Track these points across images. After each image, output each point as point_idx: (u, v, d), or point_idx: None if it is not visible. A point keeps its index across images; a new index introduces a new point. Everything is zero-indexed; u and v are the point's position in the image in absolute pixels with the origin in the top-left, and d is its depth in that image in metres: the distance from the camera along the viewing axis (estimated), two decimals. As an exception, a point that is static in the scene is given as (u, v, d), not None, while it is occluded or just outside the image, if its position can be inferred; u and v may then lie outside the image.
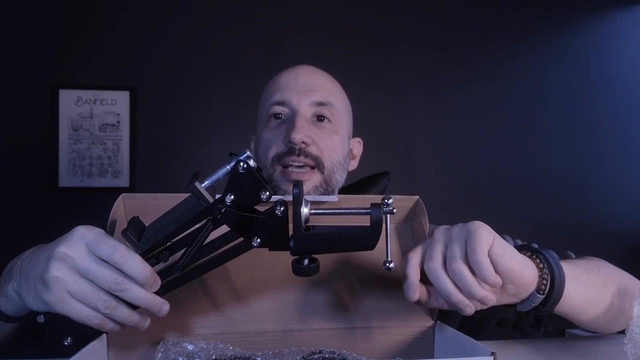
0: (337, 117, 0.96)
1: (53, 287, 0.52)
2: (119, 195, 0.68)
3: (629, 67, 2.89)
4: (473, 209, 2.63)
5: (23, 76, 2.39)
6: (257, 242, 0.56)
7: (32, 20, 2.39)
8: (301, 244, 0.56)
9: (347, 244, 0.57)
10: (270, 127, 0.95)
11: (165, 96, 2.49)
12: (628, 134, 2.88)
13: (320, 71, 1.01)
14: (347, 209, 0.58)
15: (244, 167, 0.53)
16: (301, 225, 0.55)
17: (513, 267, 0.59)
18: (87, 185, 2.42)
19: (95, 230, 0.55)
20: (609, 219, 2.83)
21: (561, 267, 0.65)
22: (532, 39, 2.79)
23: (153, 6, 2.49)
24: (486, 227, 0.59)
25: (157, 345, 0.62)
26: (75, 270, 0.53)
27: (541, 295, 0.64)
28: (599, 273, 0.73)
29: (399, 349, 0.70)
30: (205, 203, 0.53)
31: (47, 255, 0.54)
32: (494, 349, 0.55)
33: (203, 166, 2.46)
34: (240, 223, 0.55)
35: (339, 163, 0.95)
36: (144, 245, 0.54)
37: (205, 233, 0.55)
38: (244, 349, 0.64)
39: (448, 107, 2.72)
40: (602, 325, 0.74)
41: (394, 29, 2.66)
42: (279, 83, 0.97)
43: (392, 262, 0.58)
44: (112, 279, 0.52)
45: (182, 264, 0.56)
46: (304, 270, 0.57)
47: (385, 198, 0.56)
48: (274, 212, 0.55)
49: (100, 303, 0.53)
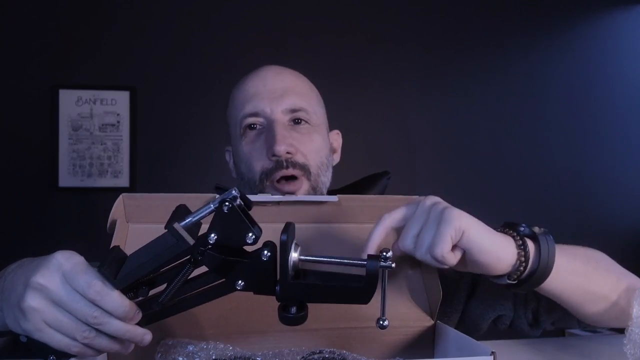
0: (313, 117, 0.94)
1: (30, 317, 0.51)
2: (119, 195, 0.68)
3: (629, 67, 2.89)
4: (473, 209, 2.62)
5: (23, 76, 2.39)
6: (241, 286, 0.53)
7: (32, 20, 2.39)
8: (288, 293, 0.53)
9: (339, 296, 0.54)
10: (248, 139, 0.92)
11: (166, 96, 2.49)
12: (628, 134, 2.88)
13: (286, 70, 0.98)
14: (342, 258, 0.55)
15: (229, 207, 0.50)
16: (288, 274, 0.52)
17: (482, 259, 0.62)
18: (87, 185, 2.42)
19: (73, 259, 0.52)
20: (610, 218, 2.83)
21: (552, 260, 0.64)
22: (532, 38, 2.79)
23: (153, 6, 2.49)
24: (458, 221, 0.60)
25: (157, 345, 0.62)
26: (51, 301, 0.51)
27: (511, 281, 0.64)
28: (598, 265, 0.72)
29: (399, 349, 0.70)
30: (185, 245, 0.50)
31: (24, 281, 0.53)
32: (494, 349, 0.55)
33: (203, 166, 2.47)
34: (223, 266, 0.53)
35: (323, 164, 0.93)
36: (120, 283, 0.51)
37: (184, 274, 0.53)
38: (244, 349, 0.64)
39: (448, 107, 2.71)
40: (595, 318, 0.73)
41: (394, 28, 2.66)
42: (246, 92, 0.93)
43: (387, 320, 0.55)
44: (89, 312, 0.51)
45: (162, 302, 0.53)
46: (291, 320, 0.55)
47: (383, 250, 0.53)
48: (260, 256, 0.52)
49: (78, 334, 0.52)
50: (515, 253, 0.63)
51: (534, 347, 0.77)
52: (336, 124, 1.04)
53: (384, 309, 0.55)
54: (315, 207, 0.72)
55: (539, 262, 0.63)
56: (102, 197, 2.37)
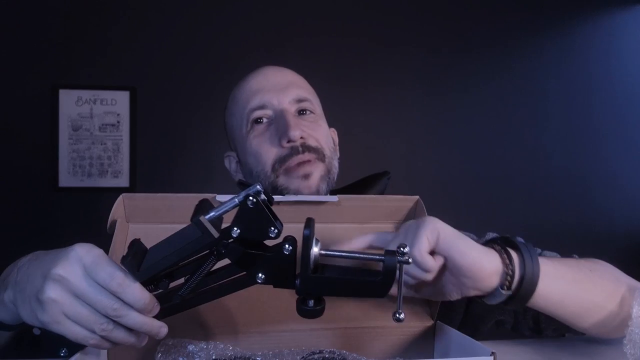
0: (317, 108, 0.96)
1: (48, 309, 0.51)
2: (119, 195, 0.68)
3: (629, 68, 2.89)
4: (473, 209, 2.64)
5: (23, 76, 2.39)
6: (261, 279, 0.55)
7: (32, 20, 2.39)
8: (308, 286, 0.54)
9: (356, 290, 0.56)
10: (257, 132, 0.91)
11: (166, 96, 2.49)
12: (629, 135, 2.88)
13: (285, 68, 0.99)
14: (360, 253, 0.57)
15: (253, 201, 0.51)
16: (309, 267, 0.53)
17: (463, 262, 0.61)
18: (87, 185, 2.42)
19: (93, 252, 0.53)
20: (610, 219, 2.83)
21: (537, 264, 0.63)
22: (532, 39, 2.79)
23: (153, 6, 2.49)
24: (432, 223, 0.62)
25: (157, 345, 0.62)
26: (71, 292, 0.51)
27: (506, 291, 0.63)
28: (592, 274, 0.70)
29: (399, 349, 0.70)
30: (210, 238, 0.51)
31: (42, 273, 0.53)
32: (494, 349, 0.55)
33: (203, 166, 2.47)
34: (245, 259, 0.54)
35: (333, 150, 0.95)
36: (143, 275, 0.52)
37: (207, 267, 0.53)
38: (244, 349, 0.64)
39: (448, 107, 2.72)
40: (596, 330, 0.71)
41: (394, 29, 2.66)
42: (250, 88, 0.94)
43: (403, 313, 0.56)
44: (110, 305, 0.51)
45: (182, 294, 0.54)
46: (309, 313, 0.56)
47: (401, 246, 0.54)
48: (282, 250, 0.53)
49: (96, 326, 0.52)
50: (499, 259, 0.63)
51: (534, 348, 0.77)
52: (336, 124, 1.04)
53: (400, 302, 0.56)
54: (315, 207, 0.72)
55: (524, 266, 0.63)
56: (102, 197, 2.37)
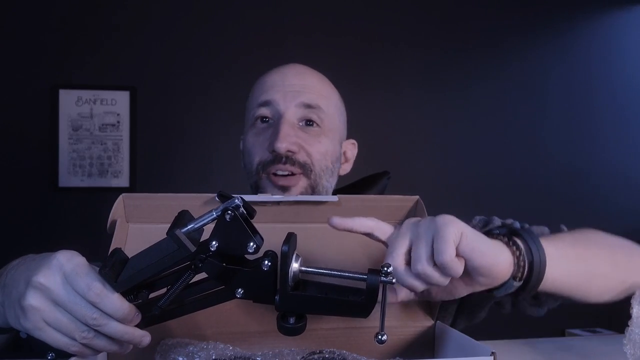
0: (327, 121, 0.92)
1: (30, 315, 0.52)
2: (119, 195, 0.68)
3: (629, 67, 2.89)
4: (473, 209, 2.63)
5: (23, 76, 2.39)
6: (240, 294, 0.53)
7: (32, 20, 2.39)
8: (287, 303, 0.53)
9: (338, 309, 0.54)
10: (256, 131, 0.92)
11: (166, 96, 2.49)
12: (629, 134, 2.88)
13: (311, 71, 0.96)
14: (343, 271, 0.54)
15: (231, 215, 0.50)
16: (288, 284, 0.52)
17: (484, 263, 0.58)
18: (87, 185, 2.42)
19: (74, 260, 0.53)
20: (611, 218, 2.83)
21: (542, 250, 0.63)
22: (532, 38, 2.79)
23: (153, 6, 2.49)
24: (454, 224, 0.57)
25: (157, 346, 0.62)
26: (51, 300, 0.52)
27: (518, 282, 0.62)
28: (589, 244, 0.71)
29: (399, 349, 0.70)
30: (186, 252, 0.50)
31: (25, 279, 0.53)
32: (494, 349, 0.55)
33: (203, 166, 2.47)
34: (223, 274, 0.53)
35: (327, 168, 0.92)
36: (120, 287, 0.51)
37: (184, 281, 0.53)
38: (244, 349, 0.64)
39: (448, 107, 2.72)
40: (599, 297, 0.72)
41: (393, 28, 2.66)
42: (265, 84, 0.93)
43: (385, 335, 0.54)
44: (89, 314, 0.51)
45: (161, 306, 0.54)
46: (289, 330, 0.54)
47: (384, 266, 0.51)
48: (260, 266, 0.52)
49: (77, 334, 0.52)
50: (509, 252, 0.62)
51: (534, 347, 0.77)
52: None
53: (382, 324, 0.54)
54: (315, 207, 0.72)
55: (532, 255, 0.62)
56: (102, 197, 2.37)
